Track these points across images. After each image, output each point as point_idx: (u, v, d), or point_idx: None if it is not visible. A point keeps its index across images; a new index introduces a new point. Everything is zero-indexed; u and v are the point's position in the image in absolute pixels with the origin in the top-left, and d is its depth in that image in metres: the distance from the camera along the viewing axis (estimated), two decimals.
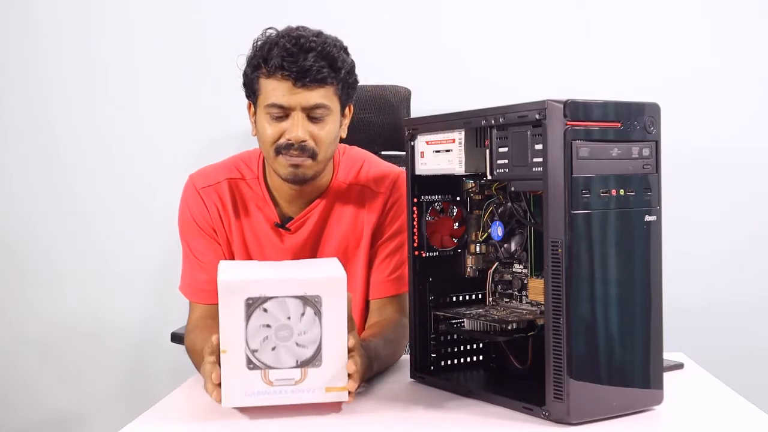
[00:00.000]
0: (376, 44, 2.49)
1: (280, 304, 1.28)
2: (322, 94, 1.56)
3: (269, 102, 1.56)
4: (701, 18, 2.55)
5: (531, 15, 2.55)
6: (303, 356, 1.30)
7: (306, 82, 1.53)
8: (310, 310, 1.29)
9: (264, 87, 1.57)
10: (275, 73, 1.54)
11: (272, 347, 1.29)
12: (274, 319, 1.28)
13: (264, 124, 1.59)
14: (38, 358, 2.66)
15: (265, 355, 1.29)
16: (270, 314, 1.28)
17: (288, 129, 1.56)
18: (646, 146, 1.28)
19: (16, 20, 2.61)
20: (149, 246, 2.60)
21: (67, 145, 2.63)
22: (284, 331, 1.29)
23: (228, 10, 2.56)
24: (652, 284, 1.28)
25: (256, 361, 1.29)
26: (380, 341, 1.52)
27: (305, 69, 1.53)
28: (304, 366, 1.30)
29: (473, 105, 1.38)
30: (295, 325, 1.29)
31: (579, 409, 1.22)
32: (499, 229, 1.43)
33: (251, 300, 1.27)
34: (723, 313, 2.55)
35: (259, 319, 1.28)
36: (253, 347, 1.28)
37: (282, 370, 1.29)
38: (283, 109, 1.56)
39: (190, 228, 1.71)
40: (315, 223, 1.68)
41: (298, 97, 1.55)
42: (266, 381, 1.29)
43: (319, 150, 1.58)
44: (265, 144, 1.60)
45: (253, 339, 1.28)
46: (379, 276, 1.69)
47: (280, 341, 1.29)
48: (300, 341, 1.29)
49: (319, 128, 1.58)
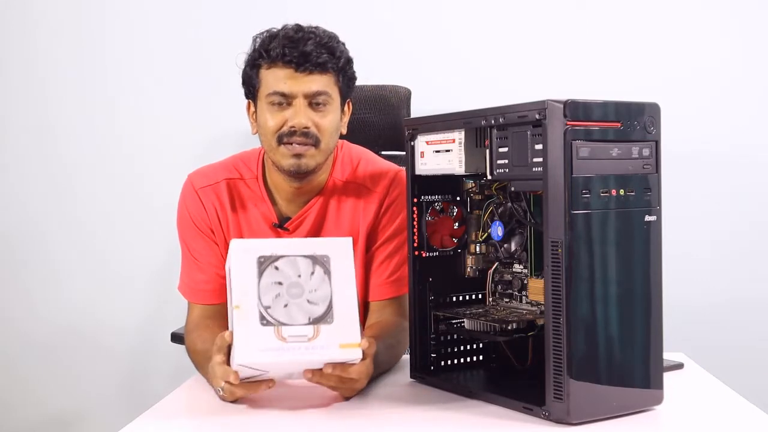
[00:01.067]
0: (376, 44, 2.49)
1: (290, 262, 1.32)
2: (323, 82, 1.58)
3: (271, 90, 1.57)
4: (701, 18, 2.55)
5: (531, 15, 2.55)
6: (315, 313, 1.32)
7: (307, 67, 1.55)
8: (319, 269, 1.33)
9: (265, 78, 1.58)
10: (276, 61, 1.56)
11: (284, 304, 1.31)
12: (286, 277, 1.32)
13: (265, 115, 1.59)
14: (38, 358, 2.66)
15: (277, 311, 1.31)
16: (281, 272, 1.32)
17: (291, 116, 1.57)
18: (646, 146, 1.28)
19: (16, 20, 2.61)
20: (149, 246, 2.60)
21: (67, 145, 2.63)
22: (295, 289, 1.32)
23: (228, 10, 2.56)
24: (652, 284, 1.28)
25: (269, 317, 1.30)
26: (381, 347, 1.51)
27: (306, 53, 1.55)
28: (317, 323, 1.31)
29: (473, 105, 1.38)
30: (305, 282, 1.32)
31: (579, 409, 1.22)
32: (499, 229, 1.43)
33: (263, 258, 1.32)
34: (723, 313, 2.55)
35: (271, 276, 1.31)
36: (266, 303, 1.30)
37: (295, 326, 1.31)
38: (285, 97, 1.57)
39: (188, 228, 1.70)
40: (313, 221, 1.68)
41: (299, 83, 1.56)
42: (280, 337, 1.30)
43: (322, 138, 1.59)
44: (267, 135, 1.60)
45: (265, 295, 1.31)
46: (379, 278, 1.68)
47: (292, 298, 1.31)
48: (311, 299, 1.32)
49: (321, 116, 1.58)
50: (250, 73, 1.61)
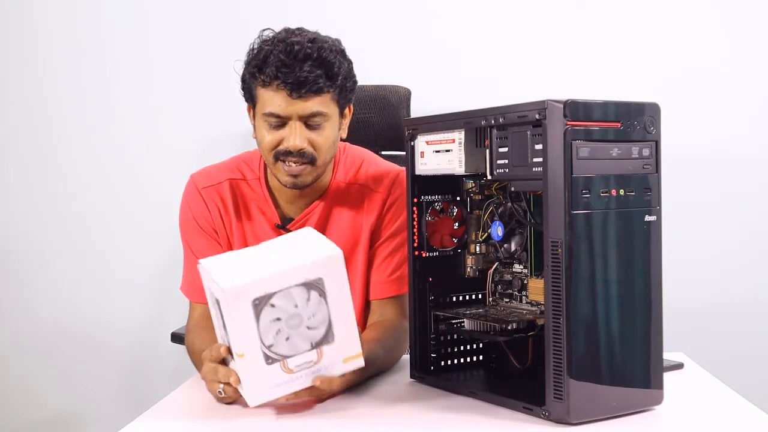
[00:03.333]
0: (376, 44, 2.49)
1: (285, 295, 1.28)
2: (318, 102, 1.55)
3: (266, 111, 1.56)
4: (701, 18, 2.55)
5: (531, 15, 2.55)
6: (316, 337, 1.31)
7: (302, 93, 1.53)
8: (314, 294, 1.30)
9: (261, 96, 1.57)
10: (271, 83, 1.54)
11: (286, 338, 1.29)
12: (283, 311, 1.29)
13: (263, 131, 1.59)
14: (38, 358, 2.66)
15: (280, 346, 1.29)
16: (278, 308, 1.28)
17: (286, 137, 1.56)
18: (646, 146, 1.28)
19: (16, 20, 2.61)
20: (149, 246, 2.60)
21: (66, 145, 2.63)
22: (294, 320, 1.29)
23: (227, 10, 2.56)
24: (652, 284, 1.28)
25: (273, 355, 1.29)
26: (380, 348, 1.52)
27: (301, 80, 1.51)
28: (319, 346, 1.31)
29: (473, 105, 1.38)
30: (303, 311, 1.30)
31: (579, 409, 1.22)
32: (499, 229, 1.43)
33: (257, 300, 1.27)
34: (723, 313, 2.55)
35: (269, 315, 1.28)
36: (267, 343, 1.29)
37: (299, 355, 1.30)
38: (281, 119, 1.56)
39: (191, 228, 1.71)
40: (315, 223, 1.68)
41: (295, 107, 1.54)
42: (286, 370, 1.30)
43: (318, 155, 1.59)
44: (264, 151, 1.61)
45: (266, 336, 1.28)
46: (380, 276, 1.69)
47: (292, 329, 1.29)
48: (310, 324, 1.30)
49: (317, 134, 1.58)
50: (248, 82, 1.59)
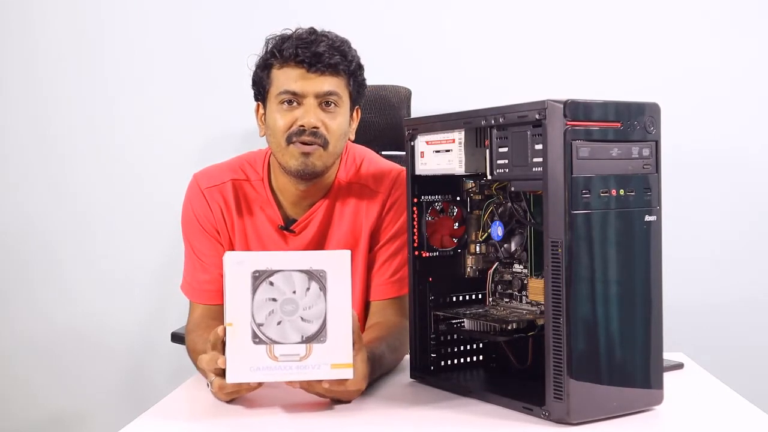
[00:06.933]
0: (376, 44, 2.48)
1: (286, 277, 1.29)
2: (334, 83, 1.59)
3: (282, 89, 1.58)
4: (701, 18, 2.55)
5: (531, 15, 2.55)
6: (308, 331, 1.30)
7: (319, 68, 1.57)
8: (315, 285, 1.30)
9: (276, 77, 1.60)
10: (288, 61, 1.58)
11: (278, 321, 1.29)
12: (280, 293, 1.29)
13: (275, 115, 1.60)
14: (38, 358, 2.65)
15: (270, 329, 1.29)
16: (276, 288, 1.29)
17: (300, 116, 1.58)
18: (646, 146, 1.28)
19: (16, 20, 2.61)
20: (149, 246, 2.60)
21: (67, 145, 2.62)
22: (290, 306, 1.29)
23: (229, 10, 2.56)
24: (652, 284, 1.28)
25: (262, 335, 1.29)
26: (385, 348, 1.51)
27: (319, 54, 1.57)
28: (309, 342, 1.30)
29: (473, 105, 1.38)
30: (300, 299, 1.30)
31: (579, 409, 1.22)
32: (499, 229, 1.43)
33: (258, 273, 1.29)
34: (723, 313, 2.55)
35: (266, 292, 1.29)
36: (258, 321, 1.29)
37: (287, 345, 1.30)
38: (296, 96, 1.58)
39: (193, 228, 1.71)
40: (319, 224, 1.68)
41: (311, 83, 1.57)
42: (271, 356, 1.29)
43: (330, 139, 1.60)
44: (276, 134, 1.61)
45: (259, 312, 1.29)
46: (381, 277, 1.68)
47: (286, 315, 1.29)
48: (305, 316, 1.30)
49: (330, 117, 1.60)
50: (261, 74, 1.63)
